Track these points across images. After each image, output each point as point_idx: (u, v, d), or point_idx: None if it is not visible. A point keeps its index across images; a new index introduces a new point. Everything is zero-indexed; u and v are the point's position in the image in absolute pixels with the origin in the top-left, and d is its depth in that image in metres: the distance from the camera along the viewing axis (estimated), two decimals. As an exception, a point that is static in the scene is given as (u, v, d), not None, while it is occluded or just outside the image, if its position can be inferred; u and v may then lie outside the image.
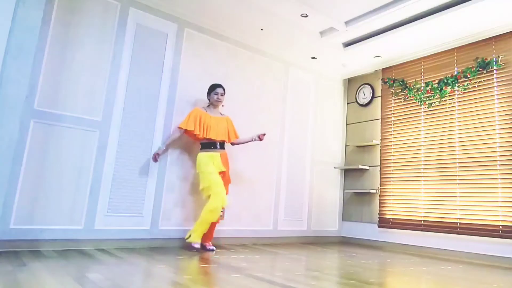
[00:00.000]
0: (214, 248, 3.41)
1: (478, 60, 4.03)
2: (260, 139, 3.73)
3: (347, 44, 4.47)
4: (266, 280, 2.20)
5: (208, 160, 3.45)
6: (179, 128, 3.48)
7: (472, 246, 3.81)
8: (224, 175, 3.53)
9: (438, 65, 4.43)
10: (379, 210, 4.72)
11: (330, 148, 5.18)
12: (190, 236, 3.33)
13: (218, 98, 3.62)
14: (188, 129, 3.44)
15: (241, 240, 4.08)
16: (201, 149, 3.55)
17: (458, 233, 3.92)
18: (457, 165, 4.06)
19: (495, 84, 3.91)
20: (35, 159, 2.94)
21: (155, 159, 3.45)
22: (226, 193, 3.55)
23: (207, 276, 2.37)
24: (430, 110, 4.42)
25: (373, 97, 5.11)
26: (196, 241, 3.30)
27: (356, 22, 3.95)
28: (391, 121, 4.83)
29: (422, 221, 4.25)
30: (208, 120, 3.52)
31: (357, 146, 5.16)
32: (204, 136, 3.47)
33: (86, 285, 1.83)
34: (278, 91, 4.68)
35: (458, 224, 3.94)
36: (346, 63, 4.97)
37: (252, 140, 3.77)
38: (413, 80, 4.65)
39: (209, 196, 3.37)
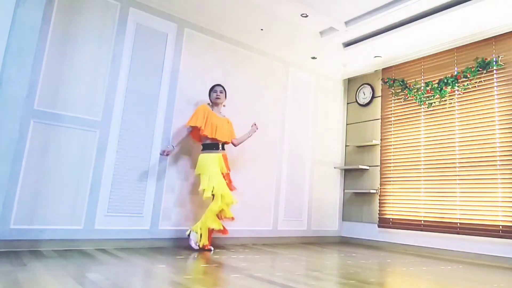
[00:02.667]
0: (212, 249, 3.39)
1: (478, 60, 4.03)
2: (257, 128, 3.82)
3: (347, 44, 4.47)
4: (266, 280, 2.20)
5: (213, 161, 3.42)
6: (188, 126, 3.47)
7: (472, 246, 3.81)
8: (227, 176, 3.54)
9: (438, 65, 4.43)
10: (379, 210, 4.72)
11: (330, 148, 5.18)
12: (190, 232, 3.34)
13: (217, 96, 3.63)
14: (198, 125, 3.42)
15: (241, 240, 4.08)
16: (203, 150, 3.53)
17: (458, 233, 3.92)
18: (457, 165, 4.06)
19: (495, 84, 3.91)
20: (35, 159, 2.94)
21: (165, 154, 3.38)
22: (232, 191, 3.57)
23: (207, 276, 2.37)
24: (430, 110, 4.42)
25: (373, 97, 5.11)
26: (205, 244, 3.30)
27: (356, 22, 3.95)
28: (391, 121, 4.83)
29: (422, 221, 4.25)
30: (216, 120, 3.52)
31: (357, 146, 5.16)
32: (212, 136, 3.45)
33: (86, 285, 1.83)
34: (278, 91, 4.68)
35: (458, 224, 3.94)
36: (346, 63, 4.97)
37: (250, 135, 3.81)
38: (413, 80, 4.65)
39: (213, 197, 3.35)
